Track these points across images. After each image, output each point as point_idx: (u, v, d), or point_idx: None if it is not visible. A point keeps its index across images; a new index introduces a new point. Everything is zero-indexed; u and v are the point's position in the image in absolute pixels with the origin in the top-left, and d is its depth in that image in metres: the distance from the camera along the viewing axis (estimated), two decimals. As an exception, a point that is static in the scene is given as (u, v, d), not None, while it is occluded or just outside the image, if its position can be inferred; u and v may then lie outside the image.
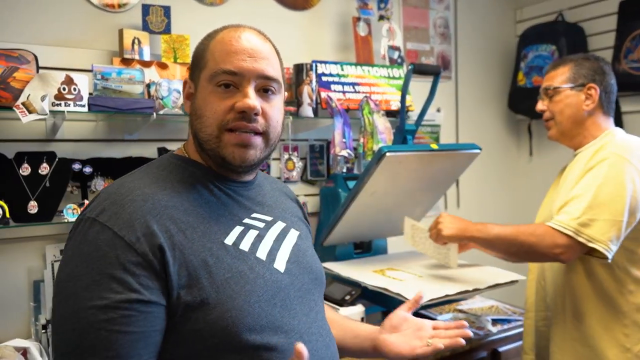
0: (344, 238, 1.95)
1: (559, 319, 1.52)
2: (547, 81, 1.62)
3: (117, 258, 0.76)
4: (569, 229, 1.37)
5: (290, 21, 2.18)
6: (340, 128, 2.02)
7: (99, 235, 0.78)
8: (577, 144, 1.58)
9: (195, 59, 0.94)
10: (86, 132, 1.73)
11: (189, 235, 0.83)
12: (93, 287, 0.75)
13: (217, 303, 0.80)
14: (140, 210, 0.81)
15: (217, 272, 0.82)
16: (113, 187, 0.86)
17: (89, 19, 1.74)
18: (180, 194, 0.87)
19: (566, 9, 2.69)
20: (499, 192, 2.93)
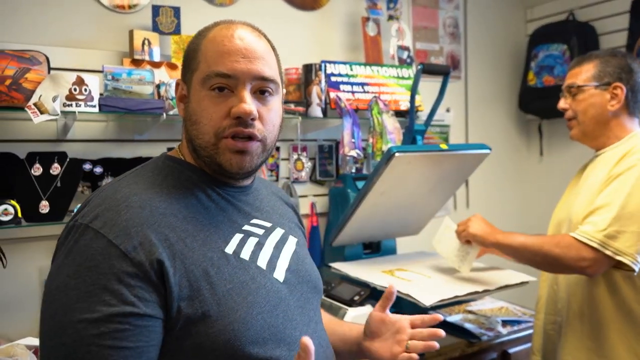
0: (353, 238, 1.95)
1: (574, 327, 1.47)
2: (571, 78, 1.55)
3: (111, 268, 0.72)
4: (595, 241, 1.32)
5: (299, 21, 2.18)
6: (349, 128, 2.02)
7: (92, 243, 0.73)
8: (600, 144, 1.52)
9: (186, 59, 0.89)
10: (97, 132, 1.74)
11: (189, 244, 0.79)
12: (85, 299, 0.71)
13: (219, 316, 0.77)
14: (137, 218, 0.76)
15: (218, 283, 0.78)
16: (107, 192, 0.81)
17: (99, 20, 1.76)
18: (178, 200, 0.83)
19: (577, 8, 2.67)
20: (509, 193, 2.91)
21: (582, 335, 1.45)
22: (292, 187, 2.08)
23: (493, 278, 1.68)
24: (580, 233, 1.34)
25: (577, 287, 1.46)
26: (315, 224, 2.17)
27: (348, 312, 1.57)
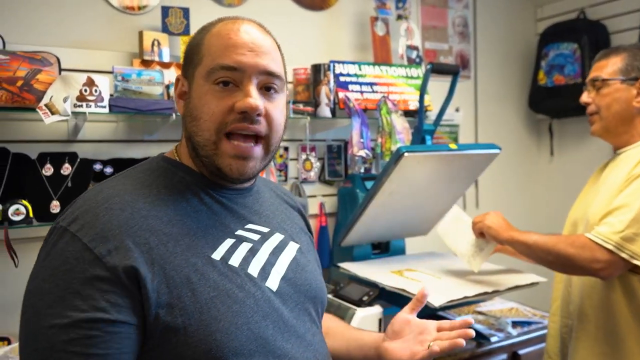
0: (361, 238, 1.94)
1: (587, 331, 1.43)
2: (596, 71, 1.47)
3: (84, 272, 0.70)
4: (610, 243, 1.27)
5: (307, 21, 2.18)
6: (358, 128, 2.02)
7: (67, 247, 0.72)
8: (622, 142, 1.46)
9: (188, 54, 0.85)
10: (107, 132, 1.75)
11: (170, 249, 0.75)
12: (56, 304, 0.69)
13: (201, 325, 0.73)
14: (116, 220, 0.74)
15: (201, 290, 0.75)
16: (91, 193, 0.79)
17: (109, 21, 1.77)
18: (166, 202, 0.79)
19: (588, 6, 2.65)
20: (519, 193, 2.89)
21: (596, 340, 1.40)
22: (301, 187, 2.08)
23: (503, 279, 1.67)
24: (596, 234, 1.30)
25: (592, 291, 1.42)
26: (324, 224, 2.16)
27: (357, 313, 1.56)
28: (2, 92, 1.39)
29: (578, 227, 1.51)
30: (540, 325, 1.87)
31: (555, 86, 2.63)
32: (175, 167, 0.86)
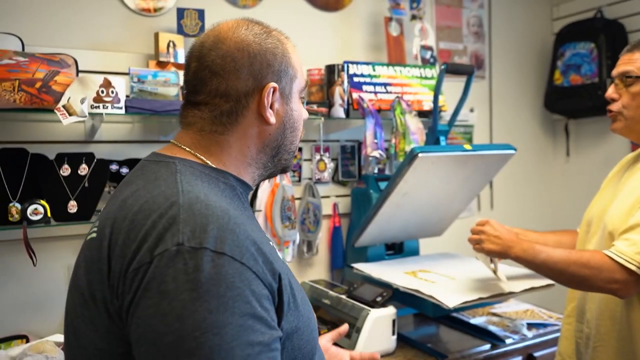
0: (375, 239, 1.94)
1: (606, 343, 1.37)
2: (627, 64, 1.35)
3: (253, 294, 0.66)
4: (634, 264, 1.20)
5: (321, 22, 2.18)
6: (372, 129, 2.02)
7: (225, 270, 0.64)
8: None
9: (281, 65, 0.85)
10: (123, 133, 1.77)
11: (274, 256, 0.74)
12: (241, 333, 0.63)
13: (305, 326, 0.77)
14: (249, 234, 0.70)
15: (296, 294, 0.77)
16: (201, 206, 0.69)
17: (126, 23, 1.79)
18: (242, 212, 0.80)
19: (605, 5, 2.61)
20: (534, 194, 2.87)
21: (617, 353, 1.34)
22: (315, 187, 2.09)
23: (518, 280, 1.66)
24: (618, 253, 1.22)
25: (610, 303, 1.35)
26: (337, 225, 2.17)
27: (370, 313, 1.56)
28: (21, 93, 1.41)
29: (591, 226, 1.46)
30: (556, 328, 1.85)
31: (571, 86, 2.60)
32: (218, 174, 0.82)
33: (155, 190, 0.73)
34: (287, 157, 0.91)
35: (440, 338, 1.83)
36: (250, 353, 0.63)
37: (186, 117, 0.86)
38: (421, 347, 1.71)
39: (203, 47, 0.84)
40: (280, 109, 0.86)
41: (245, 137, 0.84)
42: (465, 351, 1.68)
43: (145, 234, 0.67)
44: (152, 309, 0.63)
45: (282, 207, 1.95)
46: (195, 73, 0.83)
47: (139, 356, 0.65)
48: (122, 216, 0.71)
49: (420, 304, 1.70)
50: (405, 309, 1.90)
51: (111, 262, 0.69)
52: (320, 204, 2.07)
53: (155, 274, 0.64)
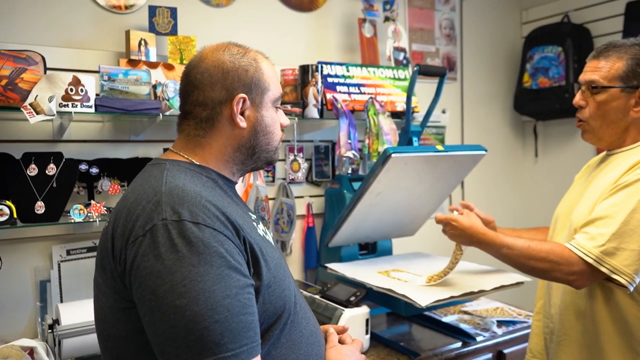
0: (349, 239, 1.95)
1: (570, 336, 1.40)
2: (594, 72, 1.36)
3: (226, 251, 0.84)
4: (591, 257, 1.24)
5: (295, 22, 2.18)
6: (346, 129, 2.03)
7: (202, 234, 0.83)
8: (614, 146, 1.40)
9: (252, 80, 1.02)
10: (93, 132, 1.74)
11: (247, 228, 0.93)
12: (220, 280, 0.81)
13: (276, 285, 0.94)
14: (219, 208, 0.89)
15: (268, 259, 0.95)
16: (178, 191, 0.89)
17: (95, 20, 1.76)
18: (220, 194, 0.97)
19: (572, 10, 2.69)
20: (505, 194, 2.92)
21: (581, 347, 1.38)
22: (289, 187, 2.09)
23: (488, 279, 1.69)
24: (577, 245, 1.27)
25: (574, 297, 1.39)
26: (311, 225, 2.17)
27: (344, 313, 1.57)
28: (-14, 91, 1.37)
29: (557, 224, 1.50)
30: (525, 325, 1.89)
31: (540, 88, 2.66)
32: (201, 169, 1.01)
33: (147, 185, 0.93)
34: (266, 155, 1.07)
35: (413, 336, 1.85)
36: (229, 294, 0.82)
37: (180, 125, 1.05)
38: (394, 345, 1.73)
39: (190, 66, 1.04)
40: (252, 115, 1.03)
41: (222, 139, 1.02)
42: (437, 349, 1.70)
43: (138, 215, 0.87)
44: (149, 268, 0.82)
45: (256, 207, 1.94)
46: (184, 87, 1.03)
47: (143, 304, 0.83)
48: (122, 207, 0.93)
49: (393, 303, 1.72)
50: (378, 309, 1.92)
51: (114, 240, 0.89)
52: (294, 204, 2.07)
53: (150, 243, 0.83)
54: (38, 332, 1.62)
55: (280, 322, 0.96)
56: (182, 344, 0.78)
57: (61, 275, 1.67)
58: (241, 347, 0.81)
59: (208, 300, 0.79)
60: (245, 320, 0.82)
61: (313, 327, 1.06)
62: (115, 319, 0.91)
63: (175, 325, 0.79)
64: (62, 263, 1.67)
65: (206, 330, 0.78)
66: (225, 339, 0.79)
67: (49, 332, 1.51)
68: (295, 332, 0.99)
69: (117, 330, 0.91)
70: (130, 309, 0.87)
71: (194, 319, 0.78)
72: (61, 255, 1.67)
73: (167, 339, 0.79)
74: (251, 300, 0.86)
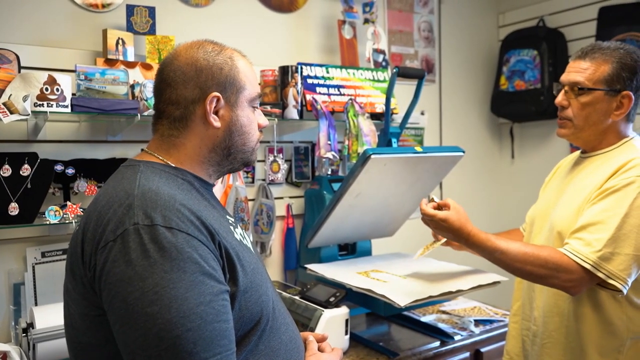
0: (328, 240, 1.95)
1: (555, 339, 1.41)
2: (577, 73, 1.36)
3: (200, 257, 0.82)
4: (589, 262, 1.24)
5: (275, 23, 2.18)
6: (325, 130, 2.03)
7: (175, 239, 0.81)
8: (591, 147, 1.42)
9: (227, 78, 0.99)
10: (69, 133, 1.71)
11: (223, 233, 0.91)
12: (193, 287, 0.79)
13: (253, 290, 0.92)
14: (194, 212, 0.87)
15: (245, 264, 0.93)
16: (151, 194, 0.86)
17: (72, 18, 1.73)
18: (196, 197, 0.95)
19: (547, 15, 2.74)
20: (482, 194, 2.96)
21: (565, 349, 1.39)
22: (268, 188, 2.08)
23: (466, 278, 1.71)
24: (574, 252, 1.27)
25: (559, 300, 1.40)
26: (291, 226, 2.17)
27: (323, 314, 1.57)
28: (-43, 89, 1.34)
29: (534, 225, 1.51)
30: (502, 324, 1.92)
31: (516, 91, 2.71)
32: (177, 172, 0.98)
33: (119, 188, 0.90)
34: (242, 155, 1.04)
35: (392, 336, 1.86)
36: (202, 300, 0.79)
37: (154, 125, 1.02)
38: (373, 345, 1.74)
39: (163, 63, 1.01)
40: (226, 114, 1.00)
41: (196, 139, 0.99)
42: (415, 348, 1.72)
43: (109, 219, 0.84)
44: (119, 275, 0.79)
45: (235, 208, 1.93)
46: (157, 85, 1.01)
47: (113, 312, 0.80)
48: (93, 210, 0.90)
49: (372, 304, 1.73)
50: (358, 309, 1.92)
51: (84, 245, 0.87)
52: (273, 205, 2.07)
53: (120, 248, 0.80)
54: (12, 336, 1.59)
55: (258, 328, 0.94)
56: (153, 353, 0.76)
57: (36, 278, 1.64)
58: (215, 355, 0.79)
59: (180, 308, 0.77)
60: (220, 328, 0.80)
61: (292, 333, 1.04)
62: (85, 326, 0.89)
63: (146, 334, 0.76)
64: (36, 265, 1.64)
65: (178, 339, 0.76)
66: (198, 347, 0.77)
67: (23, 336, 1.48)
68: (273, 338, 0.97)
69: (87, 337, 0.89)
70: (100, 317, 0.84)
71: (165, 327, 0.76)
72: (36, 258, 1.64)
73: (137, 348, 0.77)
74: (226, 307, 0.84)
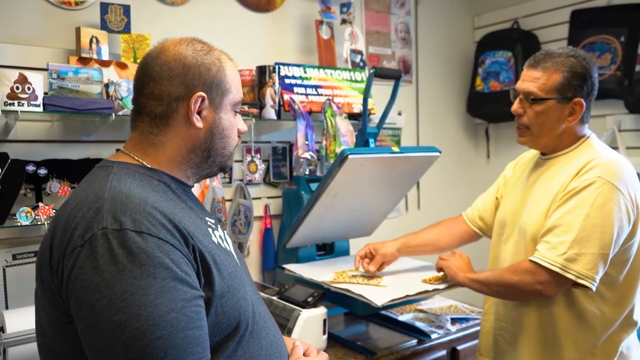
0: (306, 240, 1.95)
1: (531, 337, 1.44)
2: (530, 83, 1.42)
3: (172, 262, 0.80)
4: (556, 265, 1.29)
5: (252, 23, 2.17)
6: (303, 130, 2.03)
7: (145, 244, 0.78)
8: (550, 150, 1.48)
9: (214, 79, 0.98)
10: (41, 132, 1.67)
11: (199, 236, 0.89)
12: (164, 293, 0.77)
13: (230, 295, 0.90)
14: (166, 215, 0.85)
15: (223, 268, 0.91)
16: (122, 197, 0.83)
17: (44, 16, 1.69)
18: (173, 199, 0.92)
19: (521, 17, 2.79)
20: (458, 194, 3.00)
21: (543, 347, 1.42)
22: (246, 189, 2.07)
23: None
24: (541, 257, 1.32)
25: (532, 300, 1.44)
26: (268, 226, 2.16)
27: (301, 314, 1.57)
28: None
29: (505, 228, 1.55)
30: (477, 322, 1.94)
31: (491, 92, 2.75)
32: (152, 173, 0.95)
33: (90, 190, 0.87)
34: (221, 159, 1.03)
35: (370, 335, 1.87)
36: (173, 307, 0.77)
37: (133, 121, 0.99)
38: (351, 345, 1.74)
39: (148, 56, 0.98)
40: (209, 116, 0.98)
41: (176, 138, 0.97)
42: (393, 347, 1.73)
43: (77, 223, 0.81)
44: (87, 281, 0.77)
45: (212, 208, 1.92)
46: (139, 78, 0.97)
47: (80, 320, 0.78)
48: (62, 213, 0.87)
49: (350, 303, 1.74)
50: (336, 309, 1.93)
51: (52, 250, 0.84)
52: (251, 206, 2.06)
53: (88, 254, 0.78)
54: (-19, 341, 1.55)
55: (237, 334, 0.91)
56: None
57: (6, 280, 1.60)
58: None
59: (150, 316, 0.75)
60: (192, 336, 0.78)
61: (274, 337, 1.02)
62: (53, 333, 0.86)
63: (114, 343, 0.74)
64: (7, 268, 1.60)
65: (147, 347, 0.74)
66: (168, 356, 0.75)
67: (-6, 340, 1.44)
68: (253, 344, 0.95)
69: (56, 345, 0.86)
70: (69, 324, 0.82)
71: (133, 335, 0.74)
72: (6, 260, 1.60)
73: (105, 357, 0.75)
74: (199, 313, 0.81)
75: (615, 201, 1.30)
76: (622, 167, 1.35)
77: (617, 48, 2.37)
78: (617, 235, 1.30)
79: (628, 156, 2.37)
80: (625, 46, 2.35)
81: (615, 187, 1.30)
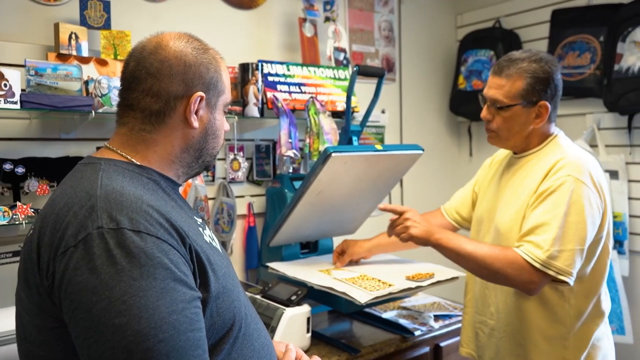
0: (290, 238, 1.95)
1: (509, 333, 1.49)
2: (496, 90, 1.47)
3: (171, 262, 0.78)
4: (538, 262, 1.33)
5: (235, 20, 2.15)
6: (286, 128, 2.02)
7: (144, 244, 0.76)
8: (520, 150, 1.54)
9: (212, 80, 0.97)
10: (18, 130, 1.64)
11: (192, 235, 0.87)
12: (165, 294, 0.75)
13: (225, 296, 0.89)
14: (162, 214, 0.83)
15: (217, 268, 0.89)
16: (115, 195, 0.81)
17: (21, 10, 1.66)
18: (164, 198, 0.91)
19: (503, 16, 2.81)
20: (441, 192, 3.01)
21: (517, 341, 1.47)
22: (229, 187, 2.06)
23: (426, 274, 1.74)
24: (527, 253, 1.35)
25: (507, 297, 1.49)
26: (252, 225, 2.15)
27: (285, 312, 1.57)
28: None
29: (482, 226, 1.59)
30: (460, 318, 1.96)
31: (473, 90, 2.77)
32: (142, 170, 0.93)
33: (79, 188, 0.84)
34: (209, 159, 1.04)
35: (354, 333, 1.88)
36: (174, 309, 0.75)
37: (122, 116, 0.95)
38: (335, 343, 1.74)
39: (144, 49, 0.94)
40: (205, 116, 0.97)
41: (170, 137, 0.95)
42: (377, 345, 1.73)
43: (68, 222, 0.78)
44: (83, 283, 0.73)
45: (195, 207, 1.90)
46: (133, 72, 0.93)
47: (75, 325, 0.74)
48: (50, 212, 0.83)
49: (334, 301, 1.74)
50: (319, 307, 1.93)
51: (40, 251, 0.80)
52: (234, 204, 2.04)
53: (83, 254, 0.74)
54: (-43, 343, 1.52)
55: (231, 335, 0.89)
56: None
57: None
58: None
59: (152, 318, 0.72)
60: (193, 338, 0.76)
61: (265, 339, 1.01)
62: (41, 339, 0.82)
63: (114, 347, 0.71)
64: (-16, 269, 1.57)
65: (149, 351, 0.71)
66: (171, 359, 0.73)
67: (-30, 342, 1.41)
68: (246, 346, 0.93)
69: (43, 351, 0.83)
70: (59, 329, 0.78)
71: (135, 339, 0.71)
72: (-17, 261, 1.57)
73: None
74: (198, 314, 0.79)
75: (586, 197, 1.36)
76: (588, 162, 1.41)
77: (597, 47, 2.41)
78: (591, 230, 1.36)
79: (607, 154, 2.41)
80: (604, 45, 2.38)
81: (583, 184, 1.37)
